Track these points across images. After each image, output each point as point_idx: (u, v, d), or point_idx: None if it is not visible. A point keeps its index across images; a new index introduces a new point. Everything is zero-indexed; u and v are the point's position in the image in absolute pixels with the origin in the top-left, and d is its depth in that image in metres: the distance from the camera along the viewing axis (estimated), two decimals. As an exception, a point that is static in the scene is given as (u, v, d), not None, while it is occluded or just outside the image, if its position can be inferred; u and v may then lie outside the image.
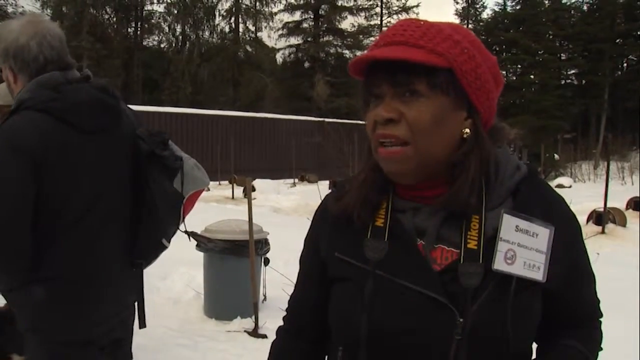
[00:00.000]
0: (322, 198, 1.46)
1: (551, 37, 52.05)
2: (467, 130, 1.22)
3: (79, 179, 2.14)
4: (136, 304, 2.44)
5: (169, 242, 2.43)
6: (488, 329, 1.16)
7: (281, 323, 1.52)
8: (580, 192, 21.05)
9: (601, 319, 1.40)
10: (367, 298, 1.21)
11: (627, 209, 16.90)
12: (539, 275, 1.21)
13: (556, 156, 40.42)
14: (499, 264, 1.18)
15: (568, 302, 1.31)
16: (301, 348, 1.46)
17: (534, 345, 1.33)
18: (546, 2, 54.35)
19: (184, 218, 2.46)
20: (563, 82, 54.08)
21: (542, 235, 1.23)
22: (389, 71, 1.19)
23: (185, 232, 2.58)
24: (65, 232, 2.12)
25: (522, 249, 1.20)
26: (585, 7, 55.05)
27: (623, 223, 13.77)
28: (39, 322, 2.17)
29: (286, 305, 1.52)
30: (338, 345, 1.30)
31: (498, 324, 1.16)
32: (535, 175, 1.32)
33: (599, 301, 1.40)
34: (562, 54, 53.81)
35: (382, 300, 1.21)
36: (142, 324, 2.46)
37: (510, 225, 1.20)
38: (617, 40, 51.18)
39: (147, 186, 2.28)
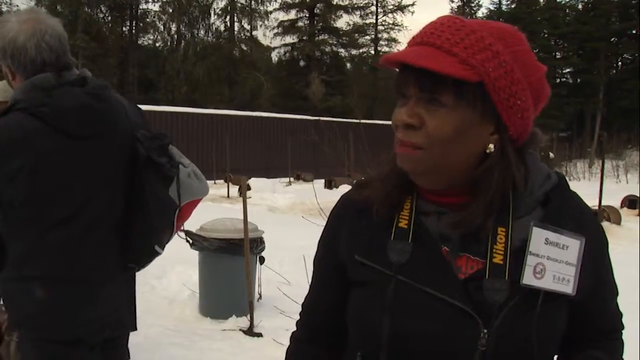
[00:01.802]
0: (340, 198, 1.41)
1: (546, 35, 52.14)
2: (492, 145, 1.17)
3: (67, 182, 2.14)
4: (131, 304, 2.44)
5: (163, 248, 2.41)
6: (513, 341, 1.13)
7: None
8: (576, 191, 21.06)
9: (623, 331, 1.38)
10: (389, 303, 1.18)
11: (622, 207, 16.99)
12: (568, 288, 1.18)
13: (551, 155, 40.47)
14: (528, 279, 1.14)
15: (594, 314, 1.30)
16: (316, 355, 1.42)
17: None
18: (541, 0, 54.43)
19: (179, 226, 2.43)
20: (558, 80, 54.13)
21: (572, 247, 1.19)
22: (417, 74, 1.13)
23: (185, 236, 2.55)
24: (53, 233, 2.13)
25: (552, 262, 1.17)
26: (580, 6, 55.12)
27: (618, 221, 13.81)
28: (27, 319, 2.17)
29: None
30: (356, 350, 1.26)
31: (523, 336, 1.13)
32: (566, 184, 1.28)
33: (621, 314, 1.38)
34: (557, 53, 53.90)
35: (404, 306, 1.18)
36: (133, 327, 2.47)
37: (539, 238, 1.16)
38: (612, 39, 51.30)
39: (141, 191, 2.27)
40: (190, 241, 2.59)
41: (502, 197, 1.17)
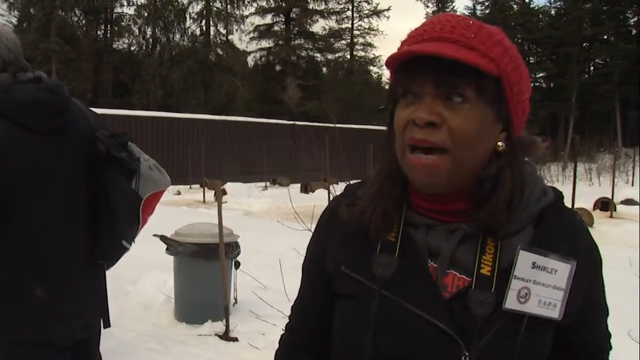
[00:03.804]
0: (330, 201, 1.37)
1: (520, 40, 52.67)
2: (501, 143, 1.13)
3: (28, 178, 2.13)
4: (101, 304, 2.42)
5: (130, 244, 2.41)
6: None
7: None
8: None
9: (610, 352, 1.35)
10: (372, 319, 1.15)
11: (594, 209, 17.25)
12: (554, 313, 1.14)
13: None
14: (511, 303, 1.10)
15: (581, 336, 1.26)
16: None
17: None
18: (515, 6, 55.06)
19: (144, 219, 2.44)
20: (532, 85, 54.48)
21: (561, 271, 1.14)
22: (434, 69, 1.07)
23: (156, 235, 2.57)
24: (16, 232, 2.11)
25: (538, 287, 1.12)
26: (553, 12, 55.84)
27: (590, 223, 14.00)
28: None
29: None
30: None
31: None
32: (562, 203, 1.23)
33: (610, 335, 1.34)
34: (530, 58, 54.48)
35: (387, 324, 1.15)
36: (107, 324, 2.45)
37: (526, 262, 1.11)
38: (584, 44, 51.97)
39: (104, 187, 2.27)
40: (139, 231, 2.58)
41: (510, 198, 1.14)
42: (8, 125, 2.09)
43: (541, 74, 55.39)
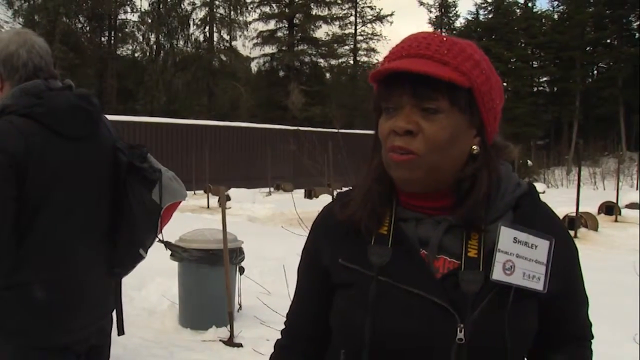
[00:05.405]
0: (322, 209, 1.46)
1: (523, 45, 52.69)
2: (475, 147, 1.25)
3: (58, 183, 2.15)
4: (114, 311, 2.44)
5: (146, 252, 2.44)
6: (488, 335, 1.19)
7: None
8: (553, 198, 21.29)
9: (592, 340, 1.43)
10: (371, 302, 1.23)
11: (599, 213, 17.25)
12: (539, 285, 1.24)
13: (529, 162, 40.86)
14: (498, 275, 1.20)
15: (564, 318, 1.35)
16: None
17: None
18: (518, 11, 55.07)
19: (161, 229, 2.48)
20: (535, 89, 54.76)
21: (541, 246, 1.25)
22: (411, 83, 1.19)
23: (161, 241, 2.59)
24: (42, 237, 2.12)
25: (521, 260, 1.23)
26: (556, 16, 55.84)
27: (595, 227, 13.99)
28: (14, 326, 2.14)
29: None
30: (340, 349, 1.31)
31: (497, 331, 1.19)
32: (535, 192, 1.34)
33: (591, 324, 1.43)
34: (534, 62, 54.46)
35: (385, 305, 1.23)
36: (121, 331, 2.46)
37: (508, 237, 1.23)
38: (587, 49, 52.00)
39: (125, 196, 2.30)
40: (166, 246, 2.62)
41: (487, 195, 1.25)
42: (41, 130, 2.12)
43: (545, 78, 55.45)
